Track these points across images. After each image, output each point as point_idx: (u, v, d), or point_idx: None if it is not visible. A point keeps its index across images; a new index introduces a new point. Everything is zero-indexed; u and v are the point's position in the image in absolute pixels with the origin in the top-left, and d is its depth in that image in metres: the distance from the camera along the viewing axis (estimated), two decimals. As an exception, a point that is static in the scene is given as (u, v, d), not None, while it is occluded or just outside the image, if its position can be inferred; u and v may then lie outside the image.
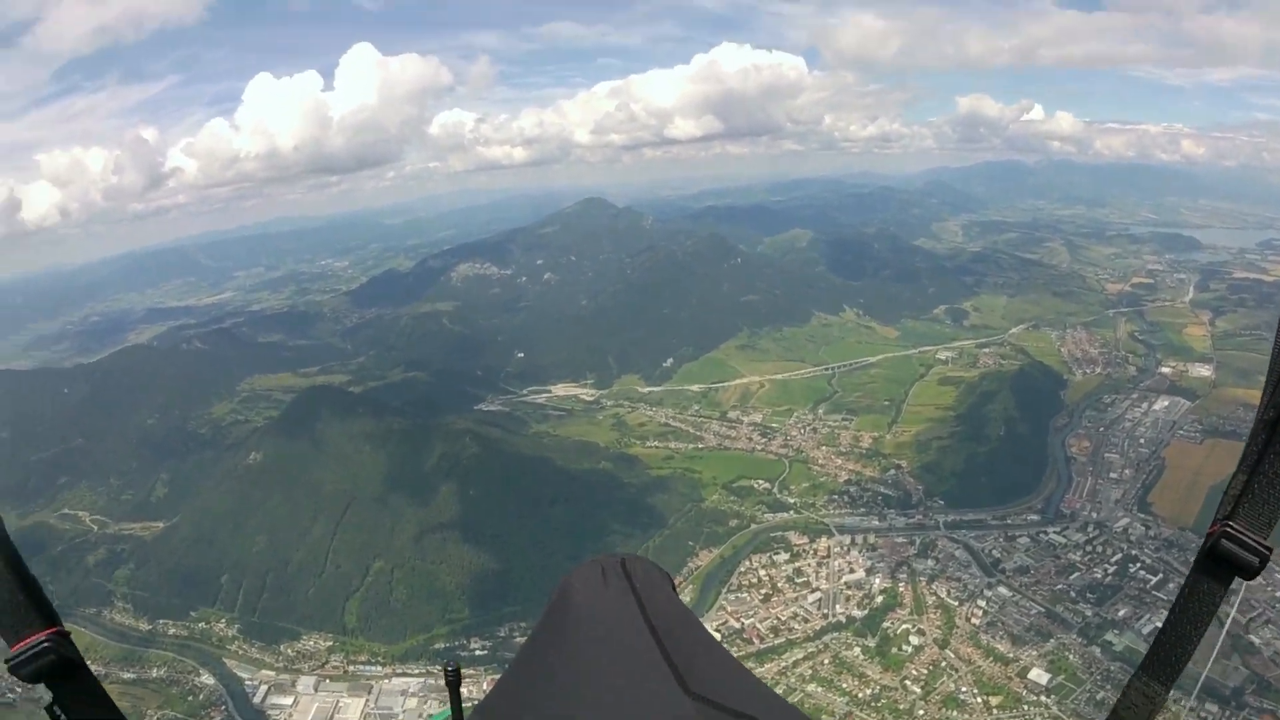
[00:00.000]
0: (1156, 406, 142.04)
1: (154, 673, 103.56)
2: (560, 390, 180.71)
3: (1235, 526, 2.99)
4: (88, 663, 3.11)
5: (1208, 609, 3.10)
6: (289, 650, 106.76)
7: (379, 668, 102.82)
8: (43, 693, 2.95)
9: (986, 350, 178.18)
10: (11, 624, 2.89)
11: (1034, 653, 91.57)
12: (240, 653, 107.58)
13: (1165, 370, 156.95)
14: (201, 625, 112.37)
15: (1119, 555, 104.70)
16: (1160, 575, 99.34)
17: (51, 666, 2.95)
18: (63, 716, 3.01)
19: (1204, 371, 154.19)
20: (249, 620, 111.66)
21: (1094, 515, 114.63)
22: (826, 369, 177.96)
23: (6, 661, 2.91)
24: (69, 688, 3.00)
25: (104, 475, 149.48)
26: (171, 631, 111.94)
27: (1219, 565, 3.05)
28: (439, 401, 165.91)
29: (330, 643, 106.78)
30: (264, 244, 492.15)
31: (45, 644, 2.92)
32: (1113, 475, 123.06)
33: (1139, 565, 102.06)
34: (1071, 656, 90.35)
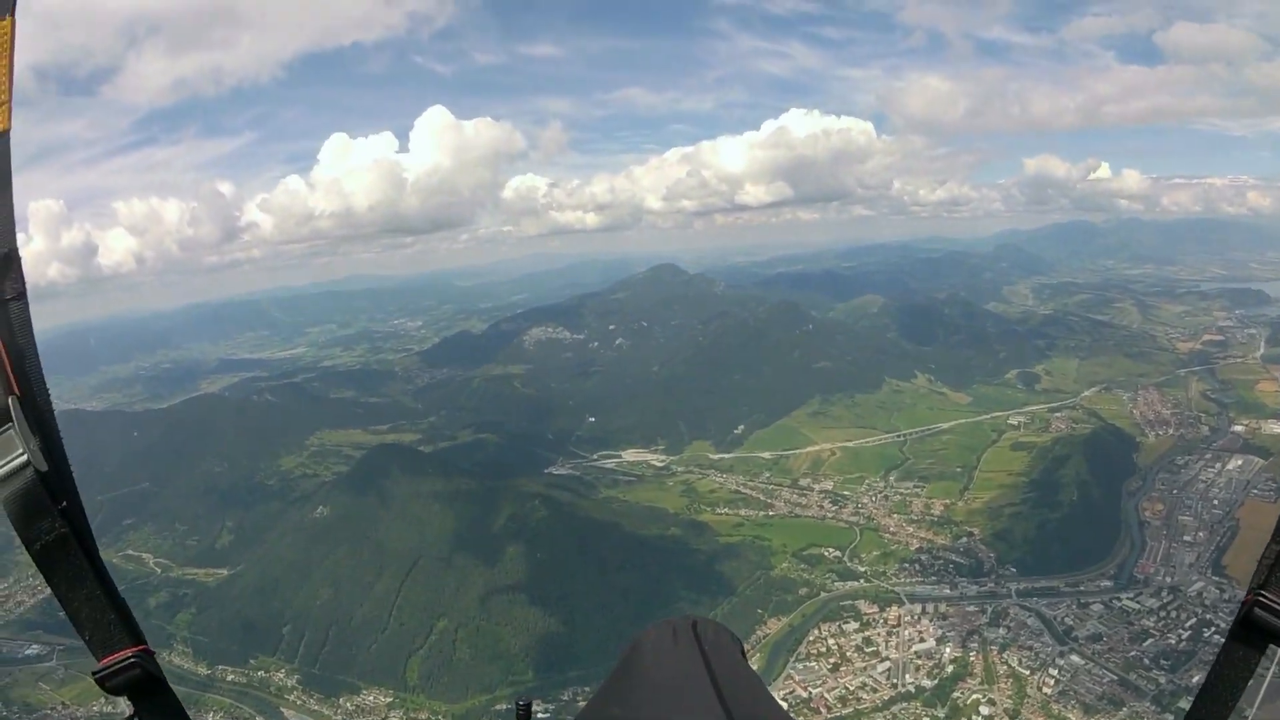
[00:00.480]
0: (1230, 466, 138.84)
1: (210, 717, 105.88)
2: (630, 455, 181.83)
3: (1268, 596, 3.19)
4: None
5: (1243, 675, 3.29)
6: (348, 704, 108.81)
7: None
8: (125, 705, 3.27)
9: (1058, 414, 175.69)
10: (102, 640, 3.17)
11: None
12: (298, 703, 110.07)
13: (1238, 429, 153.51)
14: (260, 673, 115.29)
15: (1193, 620, 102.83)
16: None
17: (136, 681, 3.20)
18: None
19: (1277, 428, 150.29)
20: (309, 671, 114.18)
21: (1168, 580, 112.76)
22: (898, 436, 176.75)
23: (94, 674, 3.19)
24: (150, 703, 3.30)
25: (170, 520, 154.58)
26: (230, 678, 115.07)
27: (1253, 633, 3.24)
28: (509, 463, 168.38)
29: (390, 699, 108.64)
30: (337, 301, 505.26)
31: (132, 660, 3.17)
32: (1186, 538, 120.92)
33: (1213, 630, 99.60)
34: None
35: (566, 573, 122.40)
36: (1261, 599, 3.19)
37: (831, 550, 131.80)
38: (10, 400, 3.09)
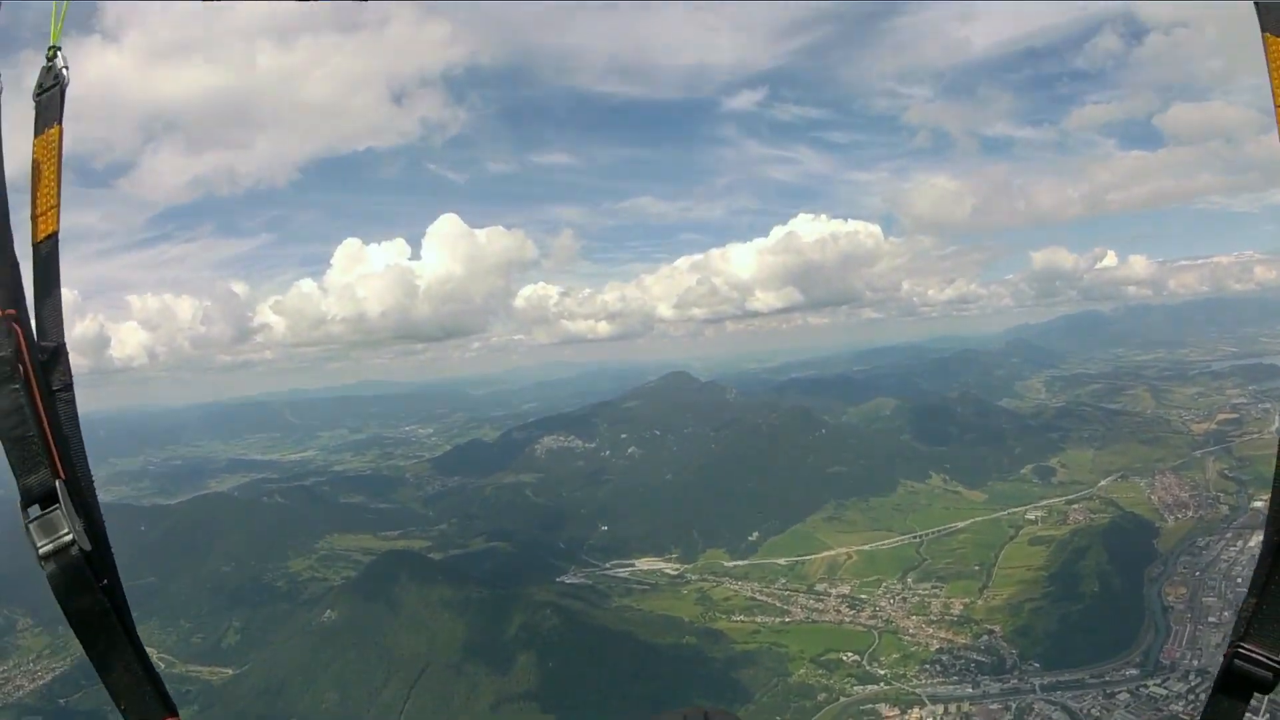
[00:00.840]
0: (1251, 543, 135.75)
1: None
2: (644, 564, 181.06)
3: (1247, 647, 3.25)
4: None
5: None
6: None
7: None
8: None
9: (1076, 506, 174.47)
10: (137, 709, 3.39)
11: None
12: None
13: (1258, 505, 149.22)
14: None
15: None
16: (1269, 717, 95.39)
17: None
18: None
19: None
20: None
21: (1195, 663, 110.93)
22: (914, 537, 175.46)
23: None
24: None
25: (175, 616, 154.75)
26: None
27: (1236, 683, 3.31)
28: (520, 572, 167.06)
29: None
30: (349, 406, 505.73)
31: None
32: (1211, 619, 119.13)
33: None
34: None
35: (579, 681, 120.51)
36: (1241, 650, 3.27)
37: (850, 654, 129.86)
38: (57, 484, 3.26)
